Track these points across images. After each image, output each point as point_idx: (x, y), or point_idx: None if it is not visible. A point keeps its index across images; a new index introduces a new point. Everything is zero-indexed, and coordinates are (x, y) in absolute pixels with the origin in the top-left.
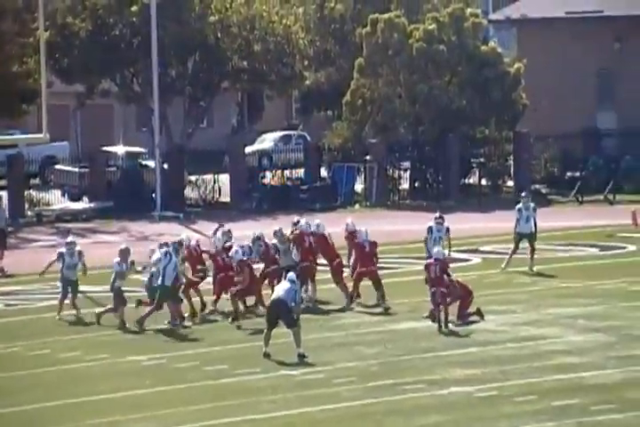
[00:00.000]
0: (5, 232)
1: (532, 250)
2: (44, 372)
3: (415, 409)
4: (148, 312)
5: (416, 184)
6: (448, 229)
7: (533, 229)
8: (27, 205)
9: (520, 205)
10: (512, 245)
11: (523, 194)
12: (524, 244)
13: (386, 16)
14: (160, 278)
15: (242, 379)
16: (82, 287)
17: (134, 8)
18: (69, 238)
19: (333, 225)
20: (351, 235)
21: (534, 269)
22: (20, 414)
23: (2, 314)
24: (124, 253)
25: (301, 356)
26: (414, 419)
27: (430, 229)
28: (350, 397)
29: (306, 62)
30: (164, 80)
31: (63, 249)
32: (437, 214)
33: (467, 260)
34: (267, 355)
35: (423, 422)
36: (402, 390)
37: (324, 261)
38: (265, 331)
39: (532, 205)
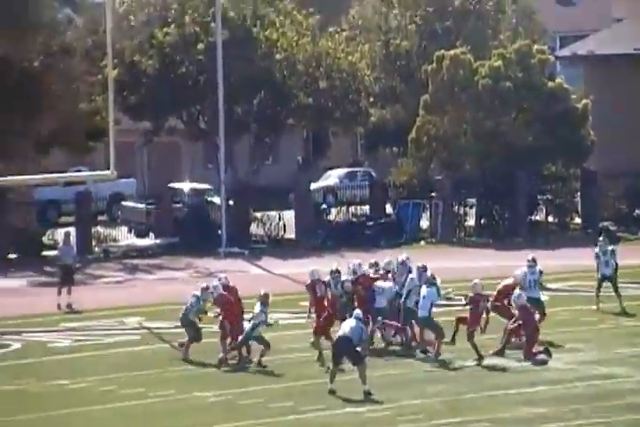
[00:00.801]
0: (72, 268)
1: (617, 290)
2: (109, 408)
3: None
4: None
5: (482, 221)
6: (541, 272)
7: (613, 272)
8: (94, 242)
9: (597, 250)
10: (581, 282)
11: (600, 238)
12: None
13: (452, 53)
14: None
15: (308, 416)
16: (150, 324)
17: (201, 46)
18: (204, 284)
19: None
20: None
21: (624, 306)
22: None
23: (70, 350)
24: (265, 298)
25: (367, 393)
26: None
27: (524, 274)
28: None
29: (371, 99)
30: (230, 117)
31: (198, 292)
32: (530, 257)
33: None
34: (332, 392)
35: None
36: None
37: None
38: (330, 368)
39: (609, 248)
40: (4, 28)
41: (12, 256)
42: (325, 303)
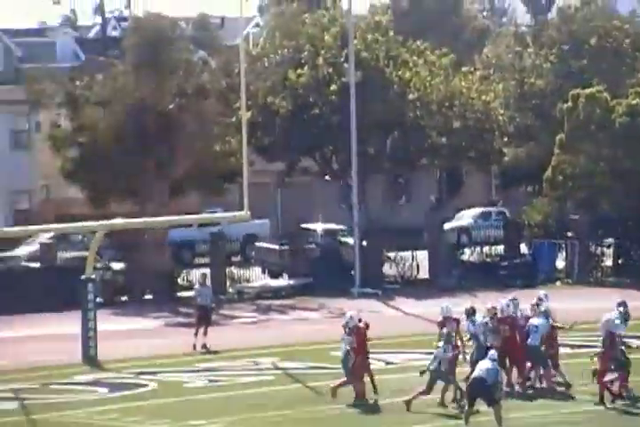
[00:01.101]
0: (209, 309)
1: None
2: None
3: None
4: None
5: (620, 261)
6: None
7: None
8: (228, 282)
9: None
10: None
11: None
12: None
13: (587, 91)
14: None
15: None
16: (284, 364)
17: (334, 87)
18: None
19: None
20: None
21: None
22: None
23: (205, 390)
24: (449, 336)
25: None
26: None
27: None
28: None
29: (505, 138)
30: (363, 157)
31: None
32: None
33: None
34: None
35: None
36: None
37: None
38: (466, 408)
39: None
40: (141, 70)
41: (148, 297)
42: (458, 342)
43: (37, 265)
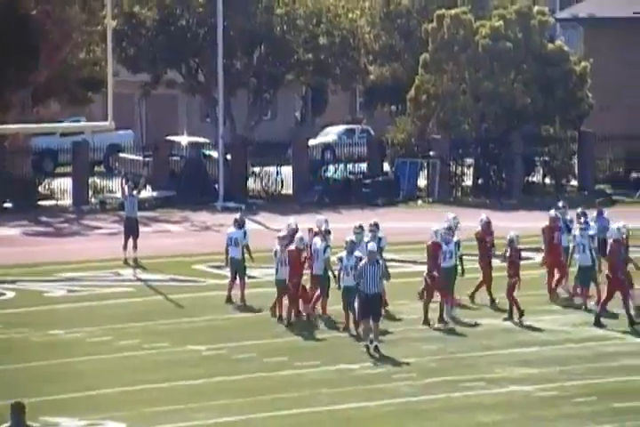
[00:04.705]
0: (136, 221)
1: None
2: (103, 359)
3: (473, 407)
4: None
5: (479, 181)
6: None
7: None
8: (90, 193)
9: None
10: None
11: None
12: None
13: (452, 12)
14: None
15: (300, 372)
16: (145, 276)
17: None
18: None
19: (395, 221)
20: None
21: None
22: (76, 400)
23: (64, 300)
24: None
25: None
26: (472, 417)
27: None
28: (409, 392)
29: (371, 57)
30: (229, 71)
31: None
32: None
33: (529, 258)
34: (367, 347)
35: (481, 421)
36: (461, 388)
37: None
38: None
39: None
40: None
41: (8, 205)
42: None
43: None
